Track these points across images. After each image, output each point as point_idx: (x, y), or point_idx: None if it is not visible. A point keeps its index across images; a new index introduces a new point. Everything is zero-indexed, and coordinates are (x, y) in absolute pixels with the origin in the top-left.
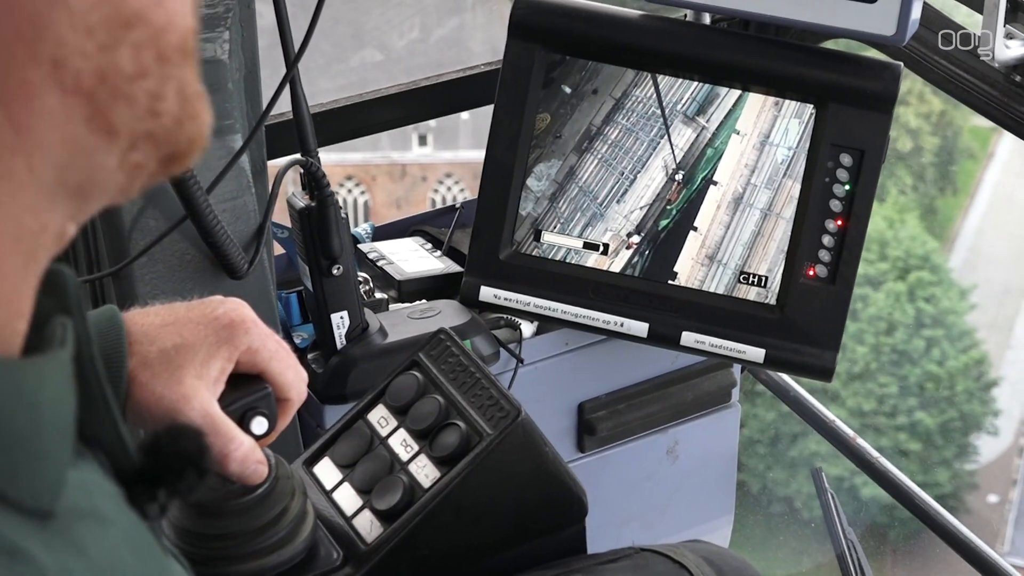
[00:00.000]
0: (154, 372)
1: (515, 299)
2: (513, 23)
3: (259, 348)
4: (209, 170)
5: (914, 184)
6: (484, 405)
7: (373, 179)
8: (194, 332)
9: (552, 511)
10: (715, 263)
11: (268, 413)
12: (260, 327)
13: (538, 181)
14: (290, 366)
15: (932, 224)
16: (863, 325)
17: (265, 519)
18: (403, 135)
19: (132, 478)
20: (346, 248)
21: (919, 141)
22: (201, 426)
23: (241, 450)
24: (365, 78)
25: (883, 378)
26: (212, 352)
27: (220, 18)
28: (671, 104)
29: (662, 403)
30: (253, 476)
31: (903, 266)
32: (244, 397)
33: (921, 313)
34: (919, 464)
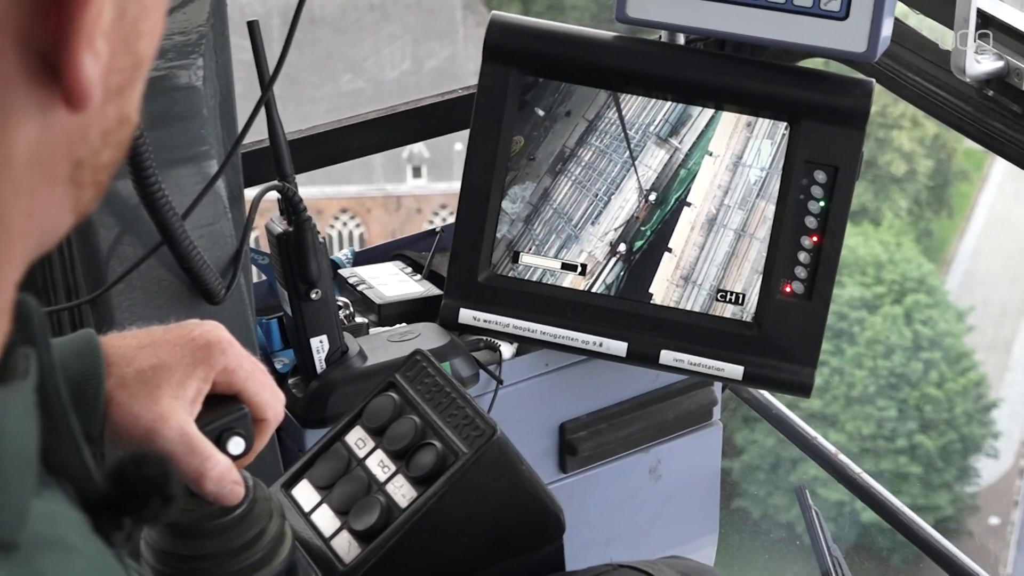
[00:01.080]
0: (131, 392)
1: (494, 321)
2: (487, 46)
3: (235, 368)
4: (185, 196)
5: (909, 207)
6: (460, 424)
7: (368, 211)
8: (171, 353)
9: (529, 529)
10: (690, 284)
11: (245, 433)
12: (236, 348)
13: (513, 203)
14: (266, 386)
15: (928, 247)
16: (861, 349)
17: (242, 540)
18: (398, 167)
19: (97, 506)
20: (324, 272)
21: (913, 164)
22: (178, 446)
23: (217, 469)
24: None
25: (882, 401)
26: (189, 372)
27: (194, 45)
28: (643, 125)
29: (643, 422)
30: (230, 496)
31: (899, 289)
32: (221, 417)
33: (918, 336)
34: (920, 487)
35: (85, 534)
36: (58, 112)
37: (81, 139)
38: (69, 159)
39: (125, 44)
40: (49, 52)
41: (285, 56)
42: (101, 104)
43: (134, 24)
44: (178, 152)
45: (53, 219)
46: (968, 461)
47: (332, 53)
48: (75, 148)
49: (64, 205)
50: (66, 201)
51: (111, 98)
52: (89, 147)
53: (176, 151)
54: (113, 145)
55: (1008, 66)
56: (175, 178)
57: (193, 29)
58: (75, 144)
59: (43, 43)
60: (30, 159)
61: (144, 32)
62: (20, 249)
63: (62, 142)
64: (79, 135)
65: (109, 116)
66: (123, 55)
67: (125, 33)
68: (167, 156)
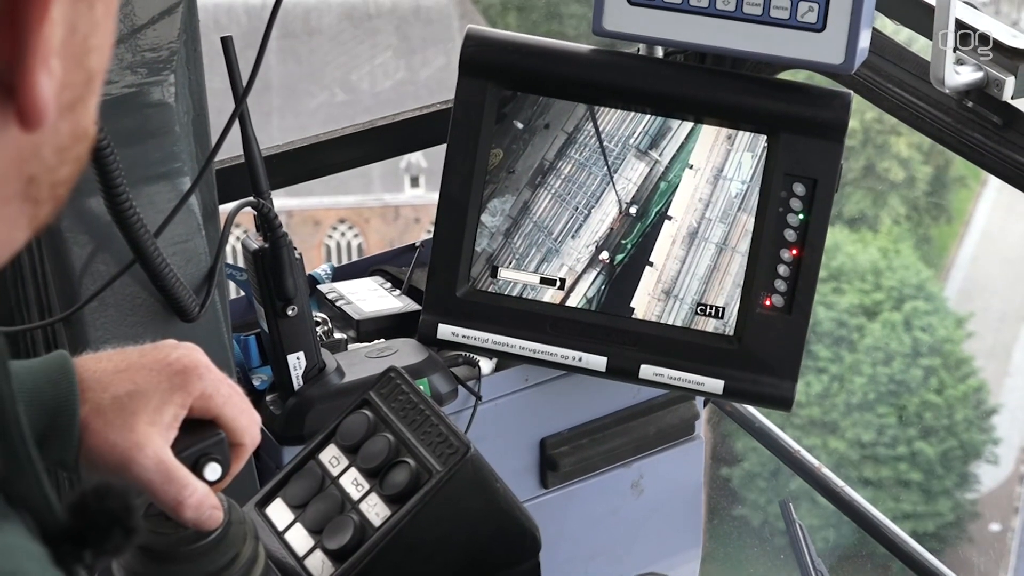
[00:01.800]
0: (107, 419)
1: (473, 336)
2: (463, 60)
3: (212, 394)
4: (158, 213)
5: (907, 213)
6: (434, 442)
7: (366, 221)
8: (147, 378)
9: (505, 547)
10: (671, 298)
11: (222, 459)
12: (214, 372)
13: (492, 217)
14: (243, 411)
15: (927, 253)
16: (860, 356)
17: (217, 565)
18: (395, 177)
19: (58, 538)
20: (300, 289)
21: (911, 171)
22: (155, 475)
23: (195, 497)
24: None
25: (882, 408)
26: (165, 399)
27: (165, 62)
28: (623, 138)
29: (625, 437)
30: (208, 522)
31: (898, 296)
32: (198, 443)
33: (918, 342)
34: (920, 494)
35: (45, 566)
36: (9, 130)
37: (33, 156)
38: (20, 177)
39: (76, 60)
40: (3, 72)
41: (256, 72)
42: (54, 122)
43: (84, 40)
44: (151, 169)
45: (6, 235)
46: (968, 467)
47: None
48: (27, 166)
49: (18, 223)
50: (21, 219)
51: (64, 114)
52: (42, 164)
53: (149, 168)
54: (70, 160)
55: (987, 77)
56: (148, 195)
57: (164, 46)
58: (27, 162)
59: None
60: None
61: (94, 47)
62: None
63: (13, 160)
64: (31, 152)
65: (62, 132)
66: (75, 71)
67: (76, 49)
68: (140, 173)
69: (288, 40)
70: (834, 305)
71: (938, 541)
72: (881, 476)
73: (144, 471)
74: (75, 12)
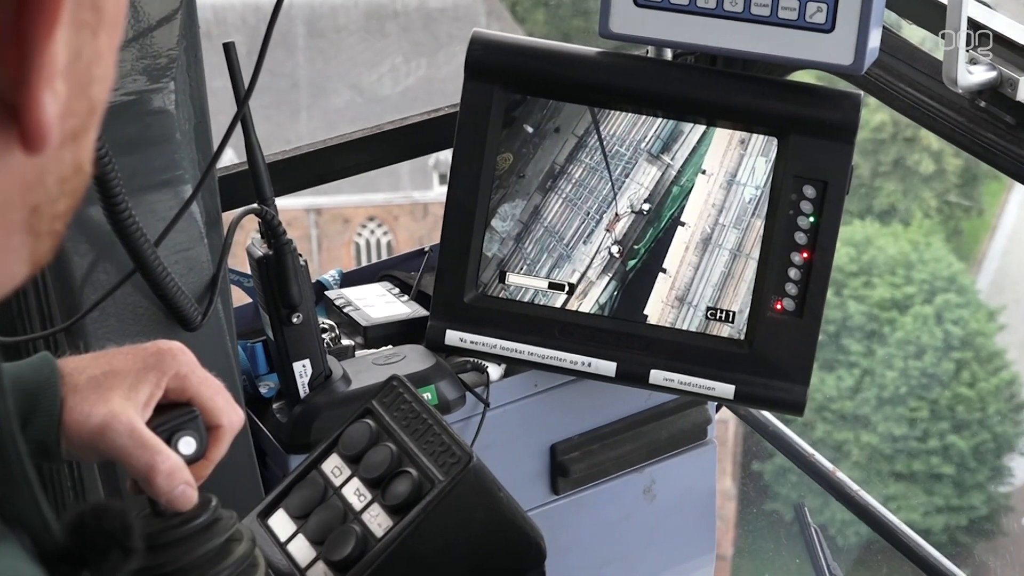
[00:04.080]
0: (83, 396)
1: (481, 342)
2: (469, 64)
3: (187, 374)
4: (160, 221)
5: (938, 206)
6: (436, 452)
7: (395, 219)
8: (123, 360)
9: (509, 557)
10: (685, 305)
11: (196, 435)
12: (189, 355)
13: (503, 222)
14: (220, 392)
15: (958, 246)
16: (891, 349)
17: (204, 551)
18: (424, 175)
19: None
20: (306, 296)
21: (942, 163)
22: (127, 440)
23: (168, 463)
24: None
25: (914, 402)
26: (140, 377)
27: (164, 69)
28: (634, 142)
29: (637, 442)
30: (181, 498)
31: (929, 289)
32: (172, 420)
33: (949, 335)
34: (953, 488)
35: None
36: (14, 156)
37: (38, 184)
38: (25, 206)
39: (80, 88)
40: (7, 93)
41: (256, 77)
42: (57, 149)
43: (88, 68)
44: (152, 177)
45: (9, 269)
46: (1001, 461)
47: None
48: (31, 194)
49: (21, 255)
50: (23, 251)
51: (67, 143)
52: (46, 193)
53: (150, 176)
54: (68, 193)
55: (1000, 76)
56: (149, 203)
57: (164, 52)
58: (31, 190)
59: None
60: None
61: (97, 77)
62: None
63: (18, 188)
64: (35, 180)
65: (65, 162)
66: (78, 99)
67: (80, 76)
68: (141, 181)
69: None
70: (865, 299)
71: (970, 535)
72: (913, 470)
73: (118, 436)
74: (79, 39)
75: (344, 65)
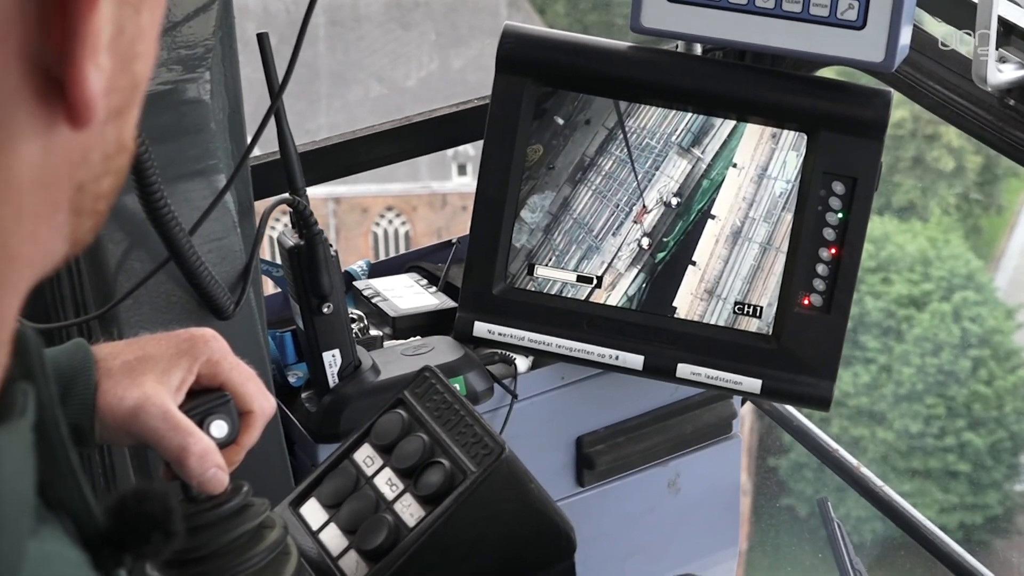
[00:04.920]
0: (116, 380)
1: (509, 334)
2: (501, 57)
3: (219, 360)
4: (194, 210)
5: (957, 204)
6: (468, 443)
7: (414, 209)
8: (156, 346)
9: (540, 548)
10: (714, 298)
11: (228, 419)
12: (221, 342)
13: (532, 213)
14: (251, 379)
15: (976, 243)
16: (909, 346)
17: (236, 534)
18: (443, 165)
19: (98, 542)
20: (336, 286)
21: (962, 160)
22: (161, 422)
23: (200, 445)
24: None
25: (930, 399)
26: (173, 362)
27: (200, 59)
28: (665, 135)
29: (662, 435)
30: (213, 480)
31: (947, 286)
32: (204, 404)
33: (967, 333)
34: (969, 485)
35: (84, 572)
36: (60, 132)
37: (83, 161)
38: (71, 182)
39: (123, 63)
40: (53, 66)
41: (292, 69)
42: (102, 125)
43: (131, 44)
44: (186, 166)
45: (53, 246)
46: (1017, 459)
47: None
48: (77, 171)
49: (63, 232)
50: (65, 228)
51: (111, 119)
52: (90, 171)
53: (184, 165)
54: (113, 171)
55: None
56: (183, 192)
57: (200, 42)
58: (77, 167)
59: (47, 57)
60: (33, 182)
61: (140, 54)
62: (23, 276)
63: (64, 164)
64: (81, 157)
65: (109, 138)
66: (122, 74)
67: (123, 52)
68: (175, 170)
69: (336, 28)
70: (883, 295)
71: (986, 532)
72: (929, 467)
73: (151, 419)
74: (122, 14)
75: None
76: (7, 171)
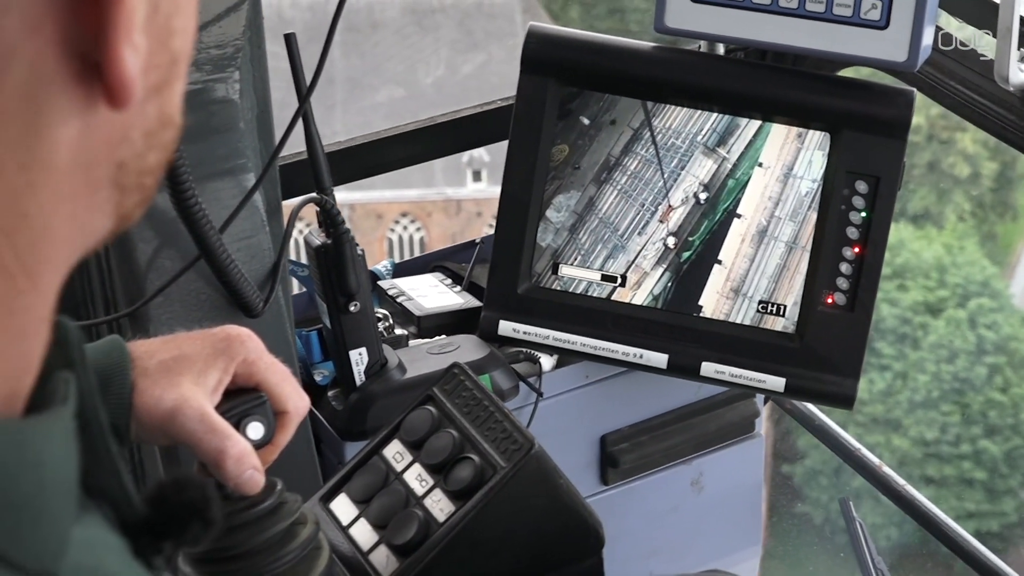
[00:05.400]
0: (153, 380)
1: (534, 332)
2: (525, 57)
3: (255, 360)
4: (223, 209)
5: (973, 210)
6: (498, 438)
7: (428, 215)
8: (192, 345)
9: (568, 543)
10: (740, 296)
11: (265, 420)
12: (256, 341)
13: (557, 212)
14: (287, 379)
15: (992, 250)
16: (924, 353)
17: (270, 534)
18: (458, 171)
19: (137, 530)
20: (363, 285)
21: (977, 167)
22: (198, 424)
23: (237, 448)
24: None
25: (945, 406)
26: (209, 362)
27: (230, 59)
28: (691, 135)
29: (685, 434)
30: (250, 482)
31: (963, 293)
32: (241, 405)
33: (982, 340)
34: (984, 493)
35: (125, 560)
36: (99, 112)
37: (123, 140)
38: (111, 161)
39: (160, 41)
40: (88, 49)
41: (321, 70)
42: (141, 103)
43: (167, 20)
44: (216, 165)
45: (95, 223)
46: None
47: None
48: (117, 149)
49: (106, 209)
50: (108, 205)
51: (150, 96)
52: (131, 148)
53: (214, 164)
54: (158, 147)
55: None
56: (213, 191)
57: (229, 42)
58: (117, 145)
59: (82, 41)
60: (73, 162)
61: (177, 29)
62: (64, 254)
63: (103, 143)
64: (120, 136)
65: (150, 116)
66: (159, 52)
67: (159, 29)
68: (205, 169)
69: (351, 34)
70: (898, 302)
71: (1001, 540)
72: (944, 474)
73: (188, 421)
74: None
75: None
76: (46, 154)
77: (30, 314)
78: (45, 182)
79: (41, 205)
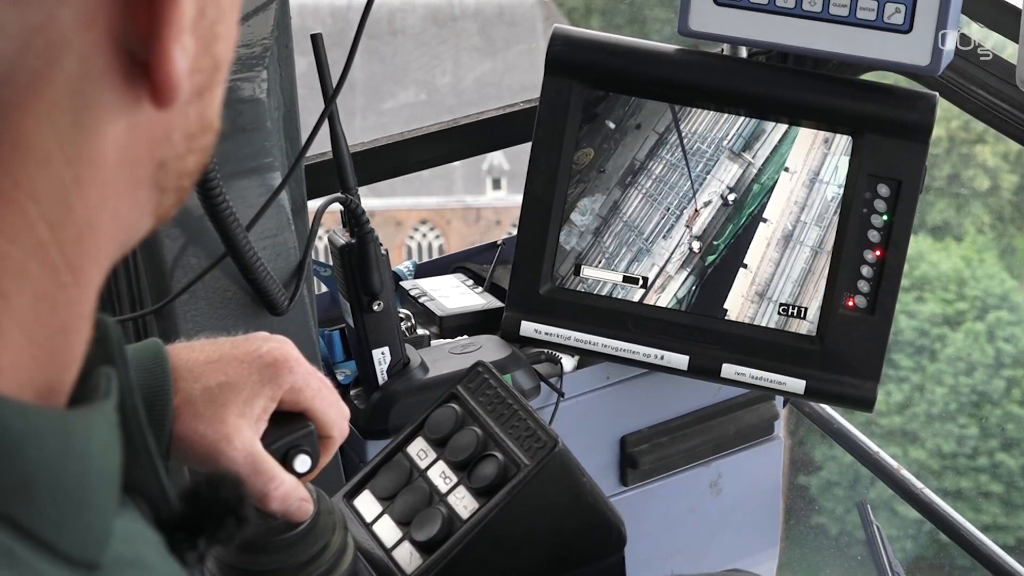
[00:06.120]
0: (197, 410)
1: (556, 333)
2: (550, 59)
3: (302, 387)
4: (249, 207)
5: (992, 222)
6: (522, 436)
7: (448, 223)
8: (238, 370)
9: (591, 541)
10: (764, 300)
11: (311, 451)
12: (304, 365)
13: (582, 215)
14: (333, 404)
15: (1011, 263)
16: (942, 366)
17: (307, 555)
18: (477, 179)
19: (172, 526)
20: (386, 284)
21: (997, 180)
22: (243, 466)
23: (282, 489)
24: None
25: (963, 419)
26: (256, 391)
27: (258, 58)
28: (716, 139)
29: (704, 436)
30: (297, 513)
31: (982, 305)
32: (287, 435)
33: (1001, 353)
34: (1001, 506)
35: (162, 554)
36: (143, 111)
37: (164, 140)
38: (153, 160)
39: (204, 44)
40: (139, 48)
41: (348, 71)
42: (184, 105)
43: (212, 26)
44: (242, 164)
45: (136, 222)
46: None
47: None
48: (159, 149)
49: (147, 208)
50: (149, 204)
51: (192, 100)
52: (172, 149)
53: (240, 163)
54: (197, 151)
55: None
56: (239, 190)
57: (257, 42)
58: (158, 145)
59: (133, 40)
60: (118, 159)
61: (221, 35)
62: (106, 251)
63: (147, 143)
64: (163, 136)
65: (191, 118)
66: (203, 56)
67: (204, 34)
68: (232, 168)
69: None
70: (916, 314)
71: (1019, 554)
72: (961, 487)
73: (232, 463)
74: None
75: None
76: (93, 150)
77: (73, 309)
78: (91, 178)
79: (87, 201)
